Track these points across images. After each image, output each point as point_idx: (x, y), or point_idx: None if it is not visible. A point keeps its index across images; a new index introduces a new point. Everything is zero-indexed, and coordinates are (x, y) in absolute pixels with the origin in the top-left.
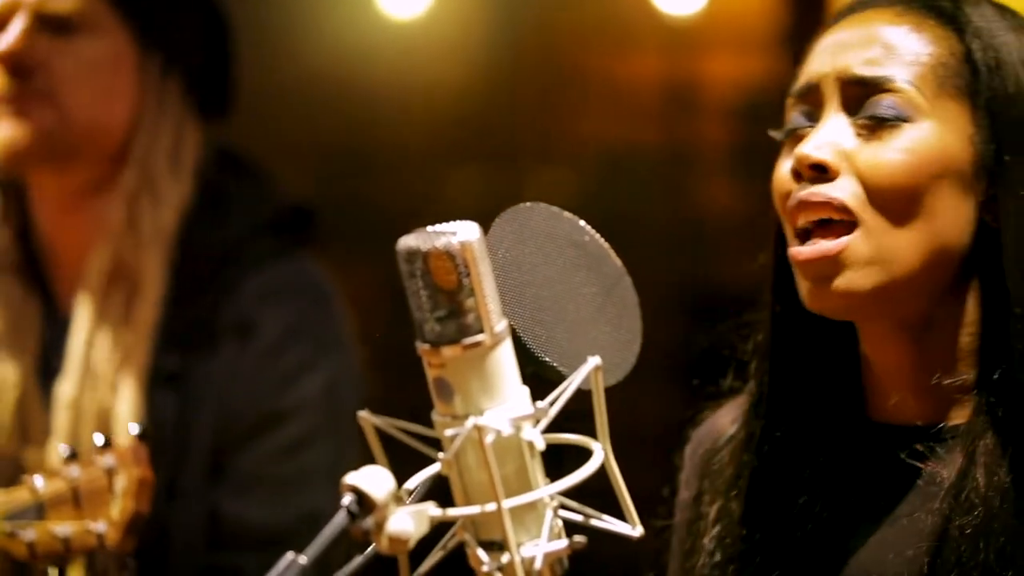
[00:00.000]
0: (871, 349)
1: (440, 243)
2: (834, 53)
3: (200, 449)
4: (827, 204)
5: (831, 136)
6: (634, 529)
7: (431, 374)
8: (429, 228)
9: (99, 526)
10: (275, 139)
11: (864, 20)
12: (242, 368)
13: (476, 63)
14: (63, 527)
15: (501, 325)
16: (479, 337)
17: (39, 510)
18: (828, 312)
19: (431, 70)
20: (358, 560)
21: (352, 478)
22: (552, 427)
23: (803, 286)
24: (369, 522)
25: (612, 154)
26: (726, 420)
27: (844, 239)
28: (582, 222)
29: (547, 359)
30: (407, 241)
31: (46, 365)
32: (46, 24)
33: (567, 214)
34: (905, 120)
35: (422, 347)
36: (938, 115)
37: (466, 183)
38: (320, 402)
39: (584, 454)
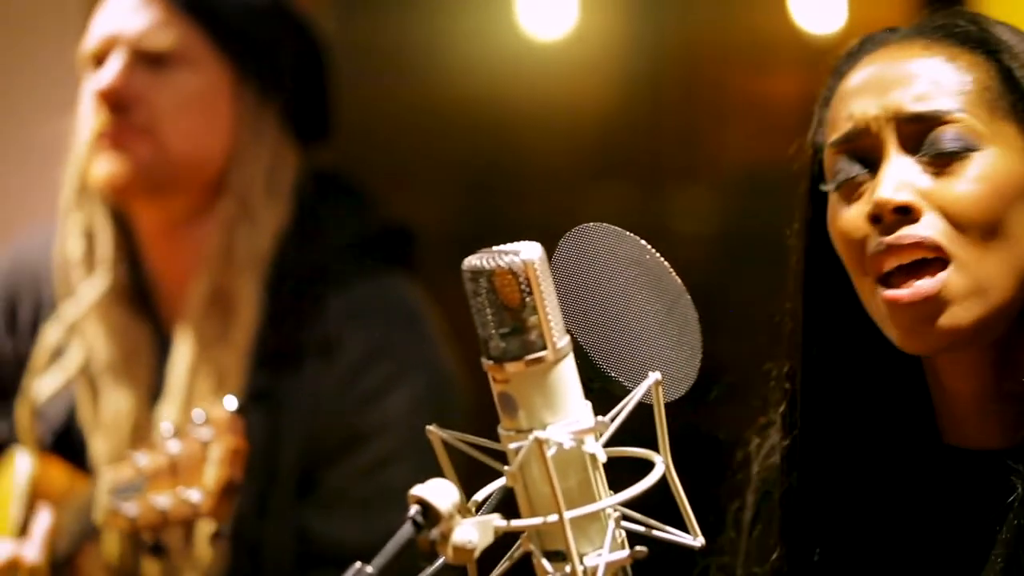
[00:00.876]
0: (947, 376)
1: (504, 262)
2: (877, 94)
3: (288, 467)
4: (919, 244)
5: (904, 176)
6: (695, 539)
7: (496, 389)
8: (494, 248)
9: (194, 495)
10: (419, 160)
11: (891, 57)
12: (327, 387)
13: (618, 83)
14: (162, 498)
15: (563, 341)
16: (542, 353)
17: (141, 484)
18: (928, 351)
19: (574, 90)
20: (428, 571)
21: (418, 490)
22: (624, 441)
23: (898, 329)
24: (435, 533)
25: (754, 172)
26: None
27: (942, 276)
28: (643, 241)
29: (612, 374)
30: (472, 261)
31: (158, 391)
32: (144, 60)
33: (629, 234)
34: (972, 150)
35: (487, 363)
36: (998, 140)
37: (609, 202)
38: (403, 421)
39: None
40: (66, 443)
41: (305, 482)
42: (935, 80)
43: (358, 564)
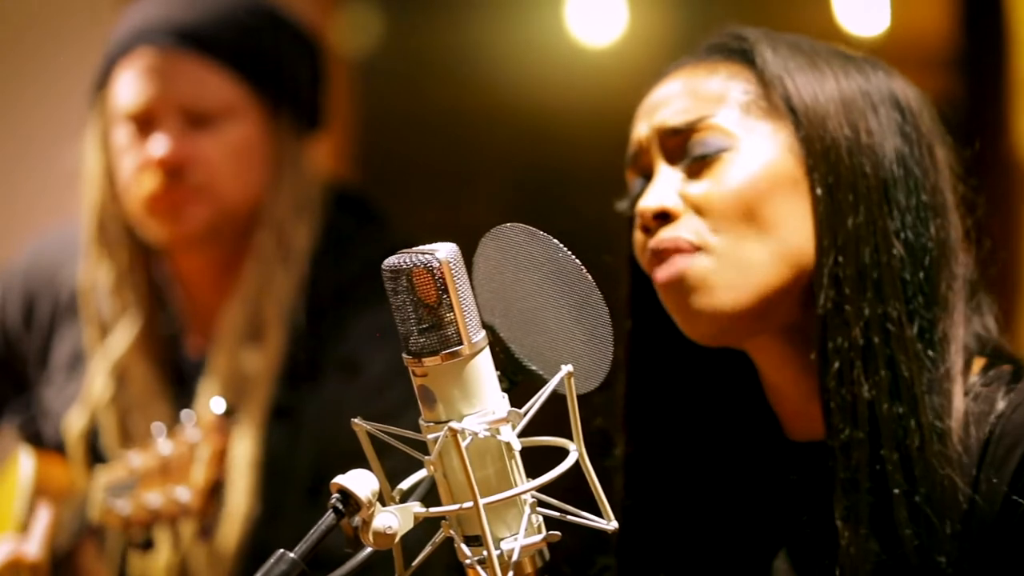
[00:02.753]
0: (770, 374)
1: (421, 261)
2: (649, 115)
3: (302, 477)
4: (676, 244)
5: (663, 185)
6: (608, 523)
7: (416, 383)
8: (413, 248)
9: (183, 494)
10: (468, 165)
11: (665, 81)
12: (347, 404)
13: None
14: (153, 496)
15: (479, 336)
16: (458, 348)
17: (133, 483)
18: (709, 337)
19: (623, 95)
20: (355, 559)
21: (339, 479)
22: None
23: (674, 315)
24: (357, 520)
25: None
26: None
27: (693, 257)
28: (555, 240)
29: (533, 367)
30: (392, 260)
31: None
32: (193, 121)
33: (542, 233)
34: (724, 150)
35: (407, 358)
36: (753, 136)
37: None
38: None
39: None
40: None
41: (317, 491)
42: (693, 92)
43: (281, 550)
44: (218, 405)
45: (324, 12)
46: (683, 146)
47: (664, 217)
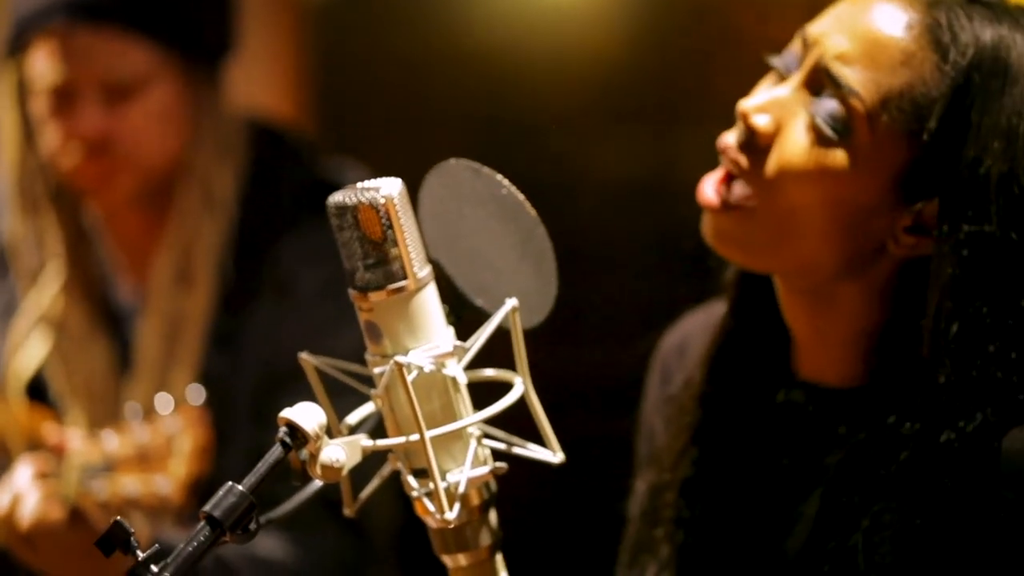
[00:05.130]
0: (788, 317)
1: (366, 197)
2: (838, 25)
3: (244, 398)
4: (737, 167)
5: (776, 109)
6: (555, 455)
7: (362, 318)
8: (357, 185)
9: (163, 485)
10: (428, 108)
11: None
12: (281, 323)
13: (630, 26)
14: (132, 485)
15: (424, 272)
16: (403, 283)
17: (109, 466)
18: (709, 243)
19: (584, 34)
20: (304, 493)
21: (286, 412)
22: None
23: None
24: (304, 453)
25: None
26: (694, 327)
27: (737, 209)
28: (499, 176)
29: (479, 303)
30: (337, 197)
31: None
32: (114, 93)
33: (486, 169)
34: (839, 135)
35: (353, 293)
36: (876, 145)
37: (622, 148)
38: (356, 353)
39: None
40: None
41: (260, 408)
42: (876, 52)
43: (230, 483)
44: (196, 395)
45: None
46: (824, 84)
47: (752, 136)
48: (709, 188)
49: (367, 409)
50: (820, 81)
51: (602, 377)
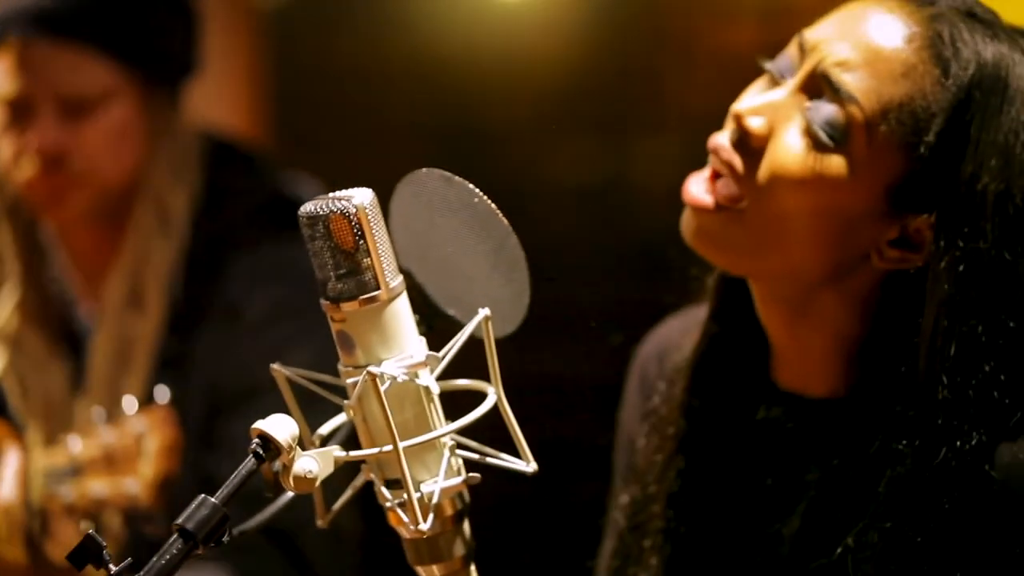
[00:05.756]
0: (763, 318)
1: (338, 207)
2: (839, 32)
3: (193, 421)
4: (729, 168)
5: (771, 112)
6: (528, 465)
7: (334, 328)
8: (329, 195)
9: (131, 485)
10: (385, 120)
11: (879, 3)
12: (231, 346)
13: (584, 34)
14: (100, 487)
15: (396, 281)
16: (375, 293)
17: (75, 470)
18: (689, 242)
19: (537, 42)
20: (276, 504)
21: (259, 424)
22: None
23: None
24: (277, 464)
25: (717, 121)
26: (674, 332)
27: (726, 210)
28: (471, 185)
29: (451, 312)
30: (308, 207)
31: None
32: (70, 107)
33: (457, 178)
34: (835, 142)
35: (325, 304)
36: (871, 155)
37: (574, 155)
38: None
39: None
40: None
41: (210, 433)
42: (875, 60)
43: (203, 495)
44: (162, 394)
45: None
46: (822, 89)
47: (745, 138)
48: (698, 187)
49: (339, 420)
50: (817, 87)
51: (561, 380)
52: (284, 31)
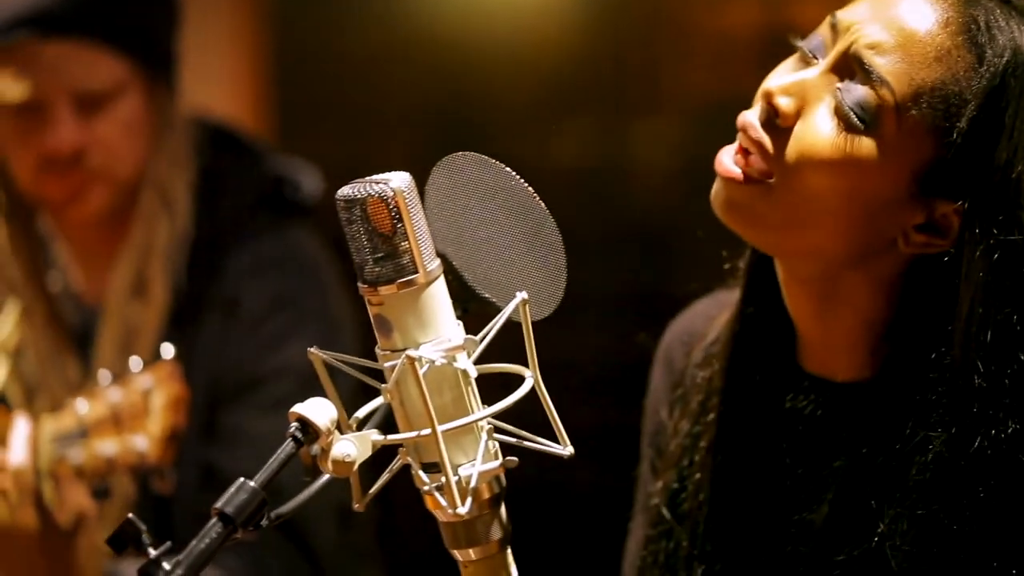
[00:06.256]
0: (788, 301)
1: (375, 191)
2: (873, 14)
3: (195, 411)
4: (758, 147)
5: (801, 92)
6: (564, 449)
7: (372, 312)
8: (366, 178)
9: (140, 442)
10: (379, 102)
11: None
12: (229, 338)
13: (578, 17)
14: (108, 445)
15: (434, 265)
16: (413, 276)
17: (83, 432)
18: (718, 213)
19: (533, 26)
20: (313, 486)
21: (298, 408)
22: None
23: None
24: (315, 448)
25: (715, 103)
26: (700, 318)
27: (755, 184)
28: (508, 168)
29: (486, 295)
30: (345, 191)
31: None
32: (84, 104)
33: (495, 162)
34: (865, 124)
35: (362, 287)
36: (901, 138)
37: (572, 137)
38: (303, 366)
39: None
40: None
41: (210, 424)
42: (909, 43)
43: (242, 479)
44: (167, 351)
45: None
46: (853, 70)
47: (775, 117)
48: (728, 159)
49: (375, 403)
50: (849, 68)
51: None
52: (285, 18)
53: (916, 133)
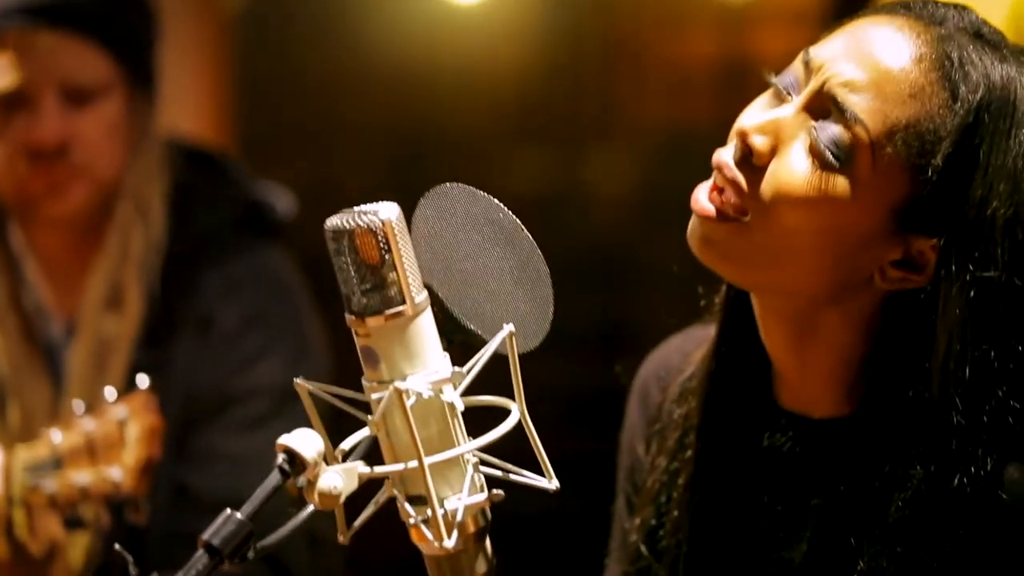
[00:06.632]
0: (764, 336)
1: (363, 222)
2: (846, 51)
3: (168, 430)
4: (733, 185)
5: (776, 130)
6: (550, 483)
7: (359, 343)
8: (354, 208)
9: (115, 472)
10: (340, 125)
11: (885, 26)
12: (203, 356)
13: (537, 45)
14: (82, 475)
15: (421, 296)
16: (400, 308)
17: (57, 462)
18: (695, 250)
19: (493, 53)
20: (297, 518)
21: (284, 439)
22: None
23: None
24: (302, 480)
25: (669, 131)
26: (675, 353)
27: (731, 221)
28: (496, 200)
29: (472, 327)
30: (333, 221)
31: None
32: (71, 97)
33: (483, 193)
34: (840, 162)
35: (350, 318)
36: (876, 176)
37: (527, 163)
38: (276, 386)
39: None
40: None
41: (182, 443)
42: (883, 82)
43: (228, 510)
44: (142, 381)
45: None
46: (828, 110)
47: (749, 156)
48: (703, 196)
49: (360, 435)
50: (823, 106)
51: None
52: (247, 39)
53: (891, 170)
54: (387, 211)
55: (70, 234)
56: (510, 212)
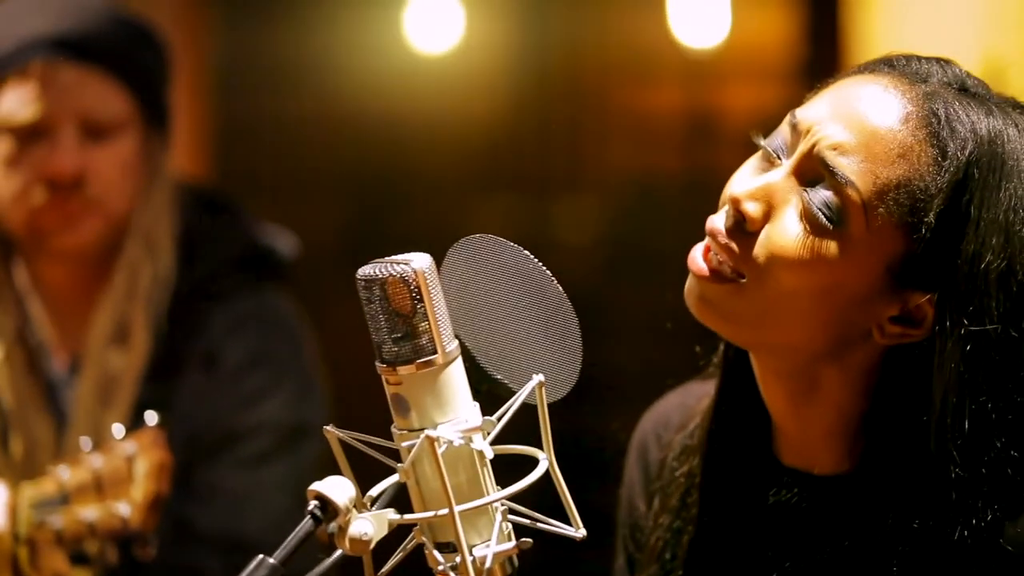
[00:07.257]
0: (764, 393)
1: (396, 271)
2: (833, 113)
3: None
4: (727, 251)
5: (768, 195)
6: (577, 531)
7: (389, 391)
8: (387, 258)
9: (123, 508)
10: (309, 173)
11: (870, 84)
12: (208, 393)
13: (504, 96)
14: (89, 511)
15: (452, 345)
16: (432, 357)
17: (64, 498)
18: (692, 309)
19: (461, 103)
20: (327, 562)
21: (317, 486)
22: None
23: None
24: (333, 526)
25: (636, 182)
26: (673, 409)
27: (728, 282)
28: (525, 251)
29: (499, 377)
30: (366, 270)
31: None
32: (89, 131)
33: (512, 244)
34: (833, 223)
35: (381, 367)
36: (870, 235)
37: (495, 213)
38: (279, 423)
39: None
40: None
41: (185, 478)
42: (872, 143)
43: (261, 556)
44: (151, 418)
45: (179, 21)
46: (819, 174)
47: (743, 222)
48: (699, 256)
49: (388, 482)
50: (814, 168)
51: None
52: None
53: (885, 229)
54: (420, 261)
55: (78, 269)
56: (539, 262)
